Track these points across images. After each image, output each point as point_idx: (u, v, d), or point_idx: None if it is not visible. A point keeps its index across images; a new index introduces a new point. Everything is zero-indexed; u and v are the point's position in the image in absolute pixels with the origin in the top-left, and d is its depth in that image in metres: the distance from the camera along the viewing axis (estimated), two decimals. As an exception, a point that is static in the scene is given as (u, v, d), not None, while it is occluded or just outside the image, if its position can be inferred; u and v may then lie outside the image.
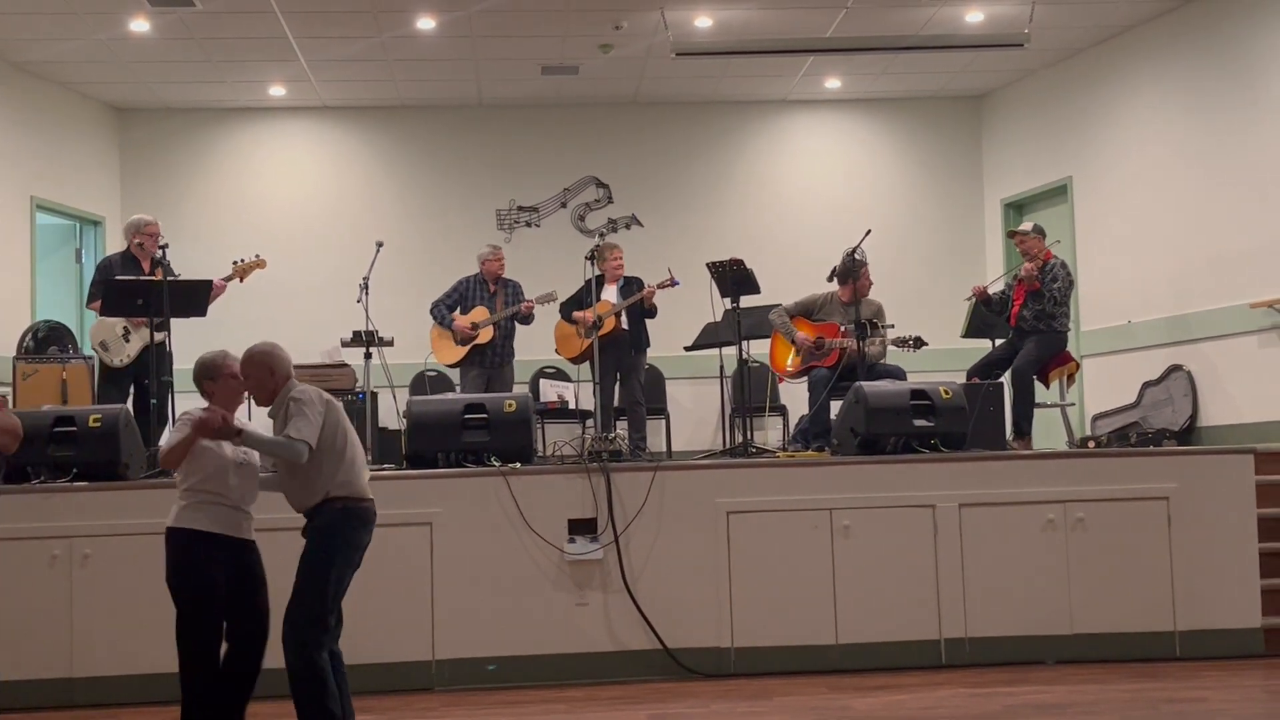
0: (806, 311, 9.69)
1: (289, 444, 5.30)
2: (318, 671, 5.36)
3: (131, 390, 9.26)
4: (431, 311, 10.47)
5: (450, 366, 10.61)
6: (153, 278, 8.85)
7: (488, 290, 10.48)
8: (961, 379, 9.43)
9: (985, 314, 10.19)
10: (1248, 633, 7.54)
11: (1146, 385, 10.81)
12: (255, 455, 5.57)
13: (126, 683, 6.99)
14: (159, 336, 8.80)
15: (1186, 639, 7.47)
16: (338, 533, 5.42)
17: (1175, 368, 10.59)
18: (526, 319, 10.37)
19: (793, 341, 9.55)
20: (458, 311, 10.43)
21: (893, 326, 9.24)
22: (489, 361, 10.32)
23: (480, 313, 10.35)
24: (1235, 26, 10.16)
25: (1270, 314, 9.63)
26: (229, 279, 9.43)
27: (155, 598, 7.02)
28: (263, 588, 5.58)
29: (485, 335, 10.28)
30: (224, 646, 5.53)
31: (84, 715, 6.78)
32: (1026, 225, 9.95)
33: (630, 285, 10.29)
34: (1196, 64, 10.60)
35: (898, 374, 9.18)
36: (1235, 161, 10.17)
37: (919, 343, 8.97)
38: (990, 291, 9.95)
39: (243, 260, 9.56)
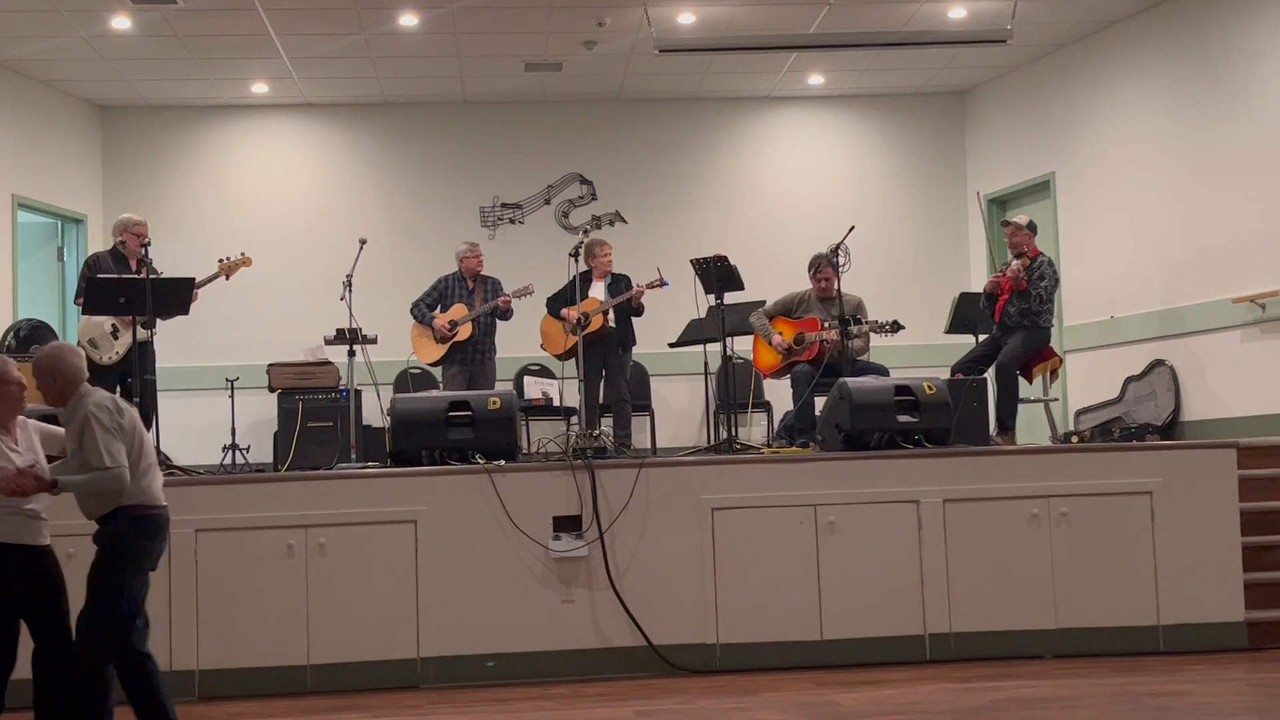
0: (786, 310, 9.72)
1: (106, 476, 5.29)
2: (103, 679, 5.39)
3: (117, 389, 9.23)
4: (411, 311, 10.47)
5: (431, 365, 10.60)
6: (136, 276, 8.82)
7: (467, 287, 10.47)
8: (945, 375, 9.45)
9: (973, 309, 10.20)
10: (1231, 627, 7.57)
11: (1130, 380, 10.84)
12: (43, 459, 5.57)
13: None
14: (144, 335, 8.78)
15: (1170, 633, 7.50)
16: (130, 542, 5.42)
17: (1158, 362, 10.63)
18: (505, 314, 10.36)
19: (770, 344, 9.59)
20: (438, 310, 10.42)
21: (875, 322, 9.27)
22: (469, 358, 10.31)
23: (459, 310, 10.34)
24: (1217, 22, 10.19)
25: (1253, 309, 9.67)
26: (214, 277, 9.40)
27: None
28: (62, 592, 5.58)
29: (464, 332, 10.27)
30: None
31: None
32: (1021, 219, 9.93)
33: (618, 282, 10.29)
34: (1178, 59, 10.63)
35: (881, 370, 9.21)
36: (1217, 156, 10.21)
37: (896, 326, 9.00)
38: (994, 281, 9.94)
39: (229, 258, 9.53)
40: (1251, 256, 9.76)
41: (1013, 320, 9.61)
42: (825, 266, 9.56)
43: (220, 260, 9.50)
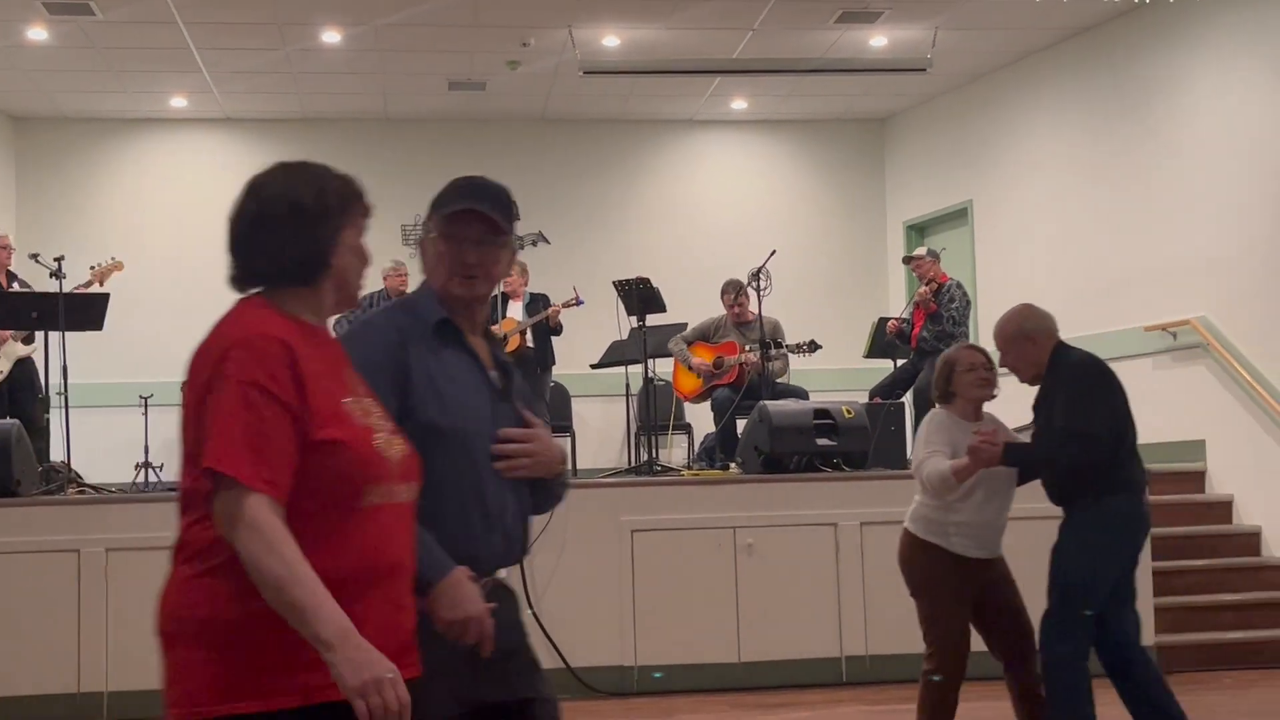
0: (704, 336, 9.81)
1: None
2: None
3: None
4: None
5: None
6: (48, 291, 8.68)
7: None
8: (864, 399, 9.53)
9: (893, 340, 10.32)
10: (1140, 649, 7.67)
11: (1044, 406, 10.98)
12: None
13: (15, 704, 6.81)
14: (26, 351, 8.64)
15: (1082, 656, 7.58)
16: None
17: (1072, 389, 10.77)
18: None
19: (690, 368, 9.65)
20: None
21: (793, 345, 9.36)
22: (391, 378, 10.24)
23: None
24: (1132, 55, 10.38)
25: (1164, 337, 9.85)
26: (87, 285, 9.24)
27: (51, 615, 6.88)
28: None
29: None
30: None
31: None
32: (921, 250, 10.14)
33: (536, 302, 10.28)
34: (1094, 91, 10.82)
35: (801, 394, 9.27)
36: (1131, 186, 10.39)
37: (813, 346, 9.09)
38: (900, 319, 10.14)
39: (100, 264, 9.39)
40: (1164, 285, 9.93)
41: (929, 345, 9.73)
42: (735, 292, 9.72)
43: (92, 267, 9.35)
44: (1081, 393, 5.10)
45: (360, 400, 2.53)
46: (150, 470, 10.36)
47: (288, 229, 2.60)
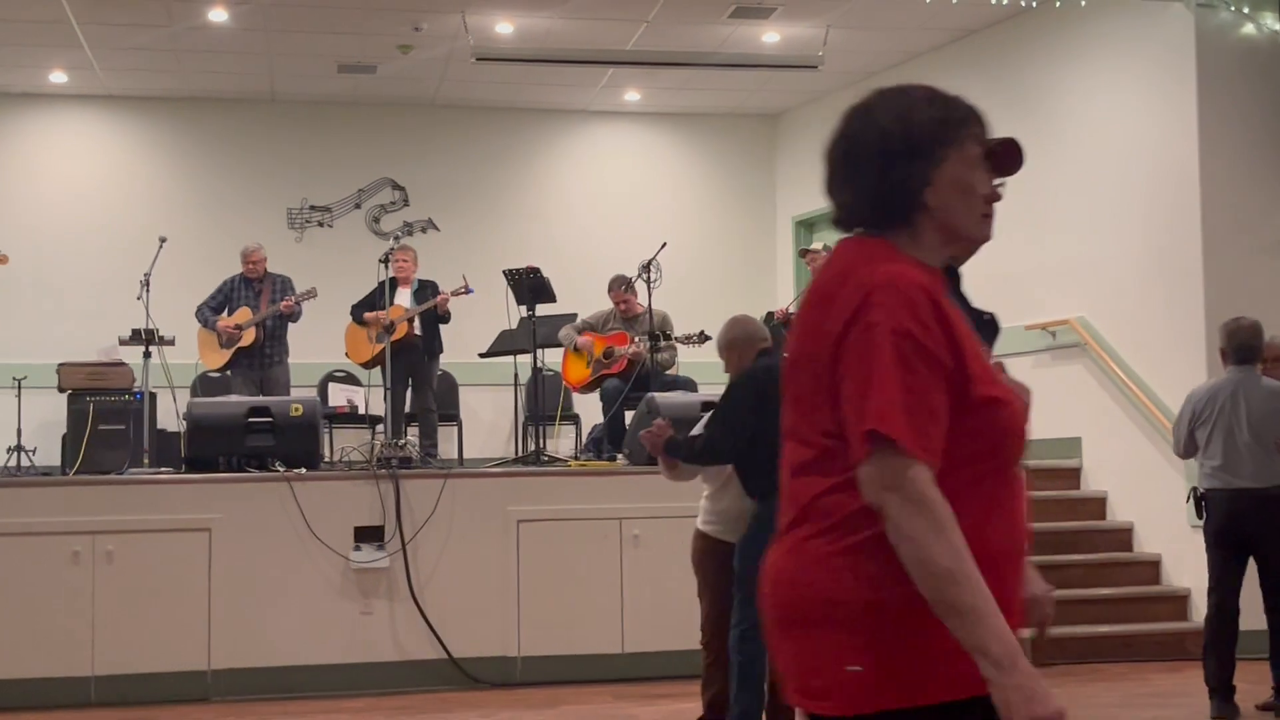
0: (593, 328, 9.85)
1: None
2: None
3: None
4: (196, 315, 10.13)
5: (218, 371, 10.26)
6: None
7: (254, 289, 10.17)
8: (751, 392, 9.59)
9: (779, 328, 10.42)
10: (1016, 642, 7.82)
11: (927, 402, 11.15)
12: None
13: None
14: None
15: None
16: None
17: (954, 385, 10.95)
18: (292, 317, 10.09)
19: (577, 349, 9.67)
20: (225, 313, 10.10)
21: (683, 335, 9.42)
22: (257, 364, 10.01)
23: (244, 314, 10.05)
24: (1019, 57, 10.57)
25: (1044, 336, 10.04)
26: None
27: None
28: None
29: (248, 337, 9.95)
30: None
31: None
32: (817, 245, 10.23)
33: (425, 289, 10.18)
34: (979, 93, 10.81)
35: (689, 386, 9.31)
36: (1014, 187, 10.49)
37: (704, 337, 9.19)
38: (787, 310, 10.24)
39: None
40: (1045, 285, 10.13)
41: (817, 340, 9.85)
42: (619, 289, 9.80)
43: None
44: (724, 400, 5.60)
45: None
46: (23, 454, 10.09)
47: (873, 167, 2.34)
